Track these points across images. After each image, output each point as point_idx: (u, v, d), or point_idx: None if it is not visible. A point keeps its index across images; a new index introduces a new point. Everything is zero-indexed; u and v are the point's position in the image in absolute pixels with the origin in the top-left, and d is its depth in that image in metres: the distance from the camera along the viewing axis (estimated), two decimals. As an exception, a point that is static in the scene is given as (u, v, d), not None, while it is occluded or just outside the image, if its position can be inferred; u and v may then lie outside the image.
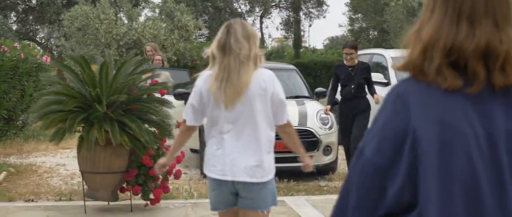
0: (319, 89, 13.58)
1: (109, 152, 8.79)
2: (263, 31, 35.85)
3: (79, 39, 22.08)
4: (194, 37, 23.87)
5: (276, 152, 5.31)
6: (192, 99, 5.25)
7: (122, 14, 23.98)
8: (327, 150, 11.80)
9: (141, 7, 25.17)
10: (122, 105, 8.74)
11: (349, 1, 31.41)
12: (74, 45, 22.34)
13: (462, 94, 2.13)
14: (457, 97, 2.13)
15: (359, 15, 28.32)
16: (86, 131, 8.49)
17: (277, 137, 5.15)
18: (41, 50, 19.04)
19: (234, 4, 34.29)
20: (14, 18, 33.63)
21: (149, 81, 9.22)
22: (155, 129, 8.84)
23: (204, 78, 5.18)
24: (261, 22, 35.52)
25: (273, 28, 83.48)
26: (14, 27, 32.89)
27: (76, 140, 8.92)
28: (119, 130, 8.51)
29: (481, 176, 2.08)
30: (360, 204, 2.28)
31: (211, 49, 5.10)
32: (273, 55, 44.34)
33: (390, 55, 15.46)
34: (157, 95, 9.14)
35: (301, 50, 40.10)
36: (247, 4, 34.08)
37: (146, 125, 8.77)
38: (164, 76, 11.30)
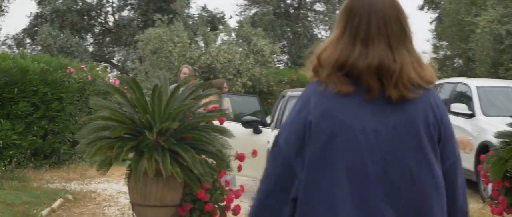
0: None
1: (161, 184, 8.07)
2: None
3: (153, 62, 21.63)
4: (271, 62, 23.11)
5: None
6: None
7: (198, 38, 23.48)
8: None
9: (217, 31, 24.62)
10: (176, 133, 8.04)
11: (433, 28, 30.30)
12: (148, 67, 21.93)
13: (359, 98, 2.65)
14: (352, 99, 2.64)
15: (444, 42, 27.11)
16: (134, 161, 7.80)
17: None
18: (112, 72, 18.62)
19: (314, 29, 33.52)
20: (91, 40, 33.64)
21: (208, 107, 8.53)
22: (212, 160, 8.10)
23: None
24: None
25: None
26: (91, 49, 32.88)
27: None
28: (171, 161, 7.80)
29: (365, 156, 2.61)
30: (274, 189, 2.72)
31: None
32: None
33: (475, 85, 14.34)
34: (216, 122, 8.40)
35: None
36: (327, 30, 33.23)
37: (203, 156, 8.04)
38: (225, 102, 10.59)
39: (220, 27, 26.66)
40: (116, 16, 32.64)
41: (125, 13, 32.50)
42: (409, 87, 2.64)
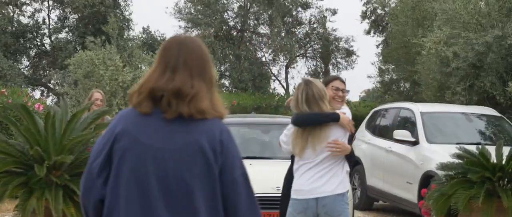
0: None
1: (55, 226, 6.99)
2: (289, 82, 33.86)
3: (85, 86, 20.43)
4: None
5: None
6: None
7: (137, 60, 22.17)
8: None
9: (153, 53, 23.46)
10: (73, 167, 6.98)
11: (380, 52, 29.57)
12: (80, 92, 20.70)
13: (159, 118, 3.28)
14: (151, 120, 3.28)
15: (390, 65, 26.36)
16: (22, 200, 6.73)
17: None
18: (48, 96, 17.37)
19: (258, 53, 32.51)
20: (26, 63, 32.25)
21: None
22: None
23: None
24: (287, 72, 33.62)
25: (298, 78, 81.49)
26: (26, 72, 31.47)
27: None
28: (66, 199, 6.75)
29: (149, 171, 3.22)
30: (87, 197, 3.37)
31: None
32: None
33: (419, 110, 13.34)
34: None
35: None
36: (270, 52, 32.29)
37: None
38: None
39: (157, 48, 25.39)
40: (53, 38, 31.32)
41: (62, 35, 31.30)
42: (199, 110, 3.25)
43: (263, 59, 33.14)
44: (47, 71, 32.45)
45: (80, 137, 6.83)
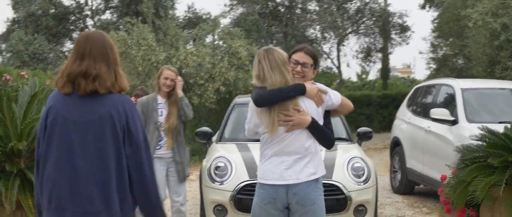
0: (362, 129, 10.70)
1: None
2: (340, 60, 32.64)
3: (123, 69, 19.79)
4: (248, 65, 20.76)
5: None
6: None
7: (169, 39, 21.16)
8: (360, 210, 8.93)
9: (192, 31, 22.54)
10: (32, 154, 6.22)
11: (434, 27, 28.16)
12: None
13: (76, 96, 4.13)
14: (73, 98, 4.14)
15: (442, 40, 24.98)
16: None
17: None
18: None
19: (307, 29, 31.37)
20: (70, 46, 31.76)
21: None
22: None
23: None
24: (338, 50, 32.46)
25: (350, 56, 79.40)
26: (69, 54, 31.08)
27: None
28: (23, 190, 6.00)
29: (72, 138, 4.08)
30: (36, 162, 4.24)
31: None
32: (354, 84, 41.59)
33: (460, 86, 12.18)
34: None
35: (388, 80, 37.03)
36: (319, 30, 31.15)
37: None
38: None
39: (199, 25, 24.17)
40: (95, 19, 30.78)
41: (105, 16, 30.76)
42: (103, 86, 4.13)
43: (313, 36, 32.01)
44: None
45: (35, 121, 6.04)
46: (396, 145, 14.28)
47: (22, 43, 25.74)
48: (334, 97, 5.46)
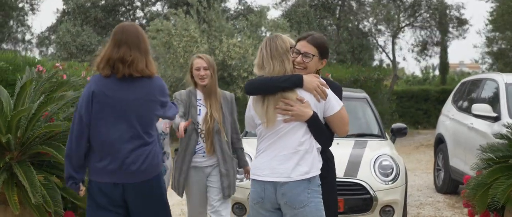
0: (397, 125, 10.20)
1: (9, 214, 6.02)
2: (396, 54, 31.80)
3: (165, 59, 19.50)
4: None
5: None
6: None
7: (213, 30, 20.76)
8: (387, 211, 8.46)
9: (238, 21, 22.15)
10: (27, 147, 5.96)
11: (489, 20, 27.24)
12: (158, 67, 19.81)
13: (114, 78, 4.97)
14: (112, 80, 4.97)
15: (496, 33, 24.12)
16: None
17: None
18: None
19: (362, 22, 30.71)
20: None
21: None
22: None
23: None
24: (393, 43, 31.65)
25: (406, 50, 78.03)
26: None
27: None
28: (10, 185, 5.73)
29: (121, 110, 4.98)
30: (75, 137, 4.98)
31: None
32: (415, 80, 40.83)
33: (504, 80, 11.56)
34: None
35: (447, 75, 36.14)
36: (373, 22, 30.42)
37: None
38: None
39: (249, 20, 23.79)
40: (146, 11, 30.66)
41: (155, 7, 30.63)
42: (137, 70, 4.97)
43: (366, 29, 31.31)
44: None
45: (23, 111, 5.76)
46: (440, 142, 13.70)
47: (70, 35, 25.74)
48: (335, 102, 5.04)
